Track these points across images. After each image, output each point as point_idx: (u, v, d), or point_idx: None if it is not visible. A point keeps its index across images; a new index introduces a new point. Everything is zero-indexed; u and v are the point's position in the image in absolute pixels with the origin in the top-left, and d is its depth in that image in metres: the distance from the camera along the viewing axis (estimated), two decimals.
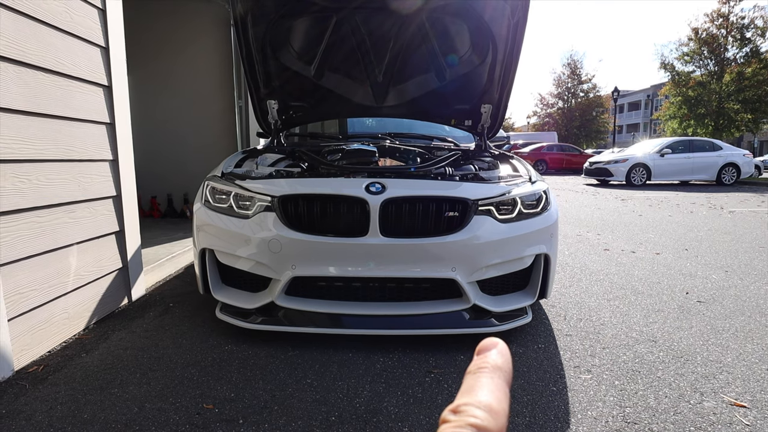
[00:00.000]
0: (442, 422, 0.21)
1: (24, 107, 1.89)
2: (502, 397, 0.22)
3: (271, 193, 2.04)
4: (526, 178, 2.33)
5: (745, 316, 2.48)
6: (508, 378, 0.23)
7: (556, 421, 1.53)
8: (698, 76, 19.84)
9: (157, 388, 1.71)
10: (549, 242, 2.16)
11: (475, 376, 0.23)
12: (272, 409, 1.58)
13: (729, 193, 9.89)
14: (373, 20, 2.57)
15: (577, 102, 33.80)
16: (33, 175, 1.95)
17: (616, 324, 2.38)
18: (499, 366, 0.23)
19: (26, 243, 1.91)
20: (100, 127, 2.40)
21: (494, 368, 0.23)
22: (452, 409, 0.21)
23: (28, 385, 1.75)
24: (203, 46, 5.16)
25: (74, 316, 2.21)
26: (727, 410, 1.60)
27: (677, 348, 2.09)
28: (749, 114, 18.38)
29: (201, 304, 2.58)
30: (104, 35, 2.42)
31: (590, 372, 1.87)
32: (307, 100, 3.03)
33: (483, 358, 0.24)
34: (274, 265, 2.00)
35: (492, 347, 0.25)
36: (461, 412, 0.21)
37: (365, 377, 1.81)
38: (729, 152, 12.13)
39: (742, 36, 18.77)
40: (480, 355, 0.24)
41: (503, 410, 0.21)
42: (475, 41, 2.66)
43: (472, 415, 0.20)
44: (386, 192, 1.98)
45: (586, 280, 3.16)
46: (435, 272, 1.99)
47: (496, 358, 0.24)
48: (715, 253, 4.02)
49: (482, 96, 2.89)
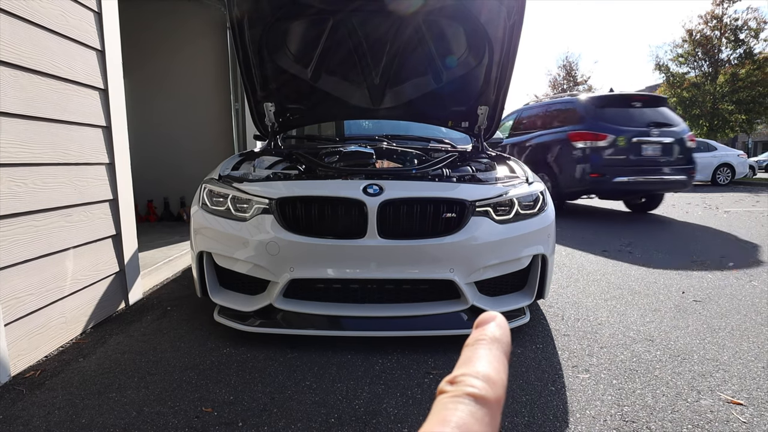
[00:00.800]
0: (440, 393, 0.21)
1: (20, 111, 1.89)
2: (500, 368, 0.22)
3: (268, 196, 2.04)
4: (523, 179, 2.33)
5: (741, 315, 2.50)
6: (506, 350, 0.23)
7: (555, 421, 1.53)
8: (693, 78, 19.95)
9: (155, 392, 1.71)
10: (546, 243, 2.17)
11: (473, 348, 0.23)
12: (271, 412, 1.58)
13: (724, 193, 9.95)
14: (370, 23, 2.58)
15: None
16: (29, 179, 1.94)
17: (614, 323, 2.39)
18: (498, 338, 0.23)
19: (22, 247, 1.91)
20: (96, 130, 2.40)
21: (492, 340, 0.23)
22: (450, 380, 0.21)
23: (26, 390, 1.74)
24: (200, 48, 5.16)
25: (71, 320, 2.20)
26: (724, 408, 1.60)
27: (674, 347, 2.10)
28: (743, 115, 18.50)
29: (199, 308, 2.58)
30: (100, 38, 2.42)
31: (588, 371, 1.88)
32: (303, 102, 3.03)
33: (481, 330, 0.24)
34: (272, 267, 2.00)
35: (490, 320, 0.25)
36: (459, 383, 0.21)
37: (364, 379, 1.81)
38: (723, 153, 12.23)
39: (735, 37, 18.89)
40: (478, 329, 0.24)
41: (501, 380, 0.21)
42: (472, 43, 2.67)
43: (470, 384, 0.20)
44: (384, 194, 1.99)
45: (583, 280, 3.17)
46: (433, 273, 2.00)
47: (495, 331, 0.24)
48: (711, 252, 4.04)
49: (479, 98, 2.91)
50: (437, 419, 0.19)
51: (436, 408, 0.20)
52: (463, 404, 0.19)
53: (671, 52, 20.90)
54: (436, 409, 0.20)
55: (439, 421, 0.19)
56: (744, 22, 18.77)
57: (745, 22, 18.75)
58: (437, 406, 0.20)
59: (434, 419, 0.19)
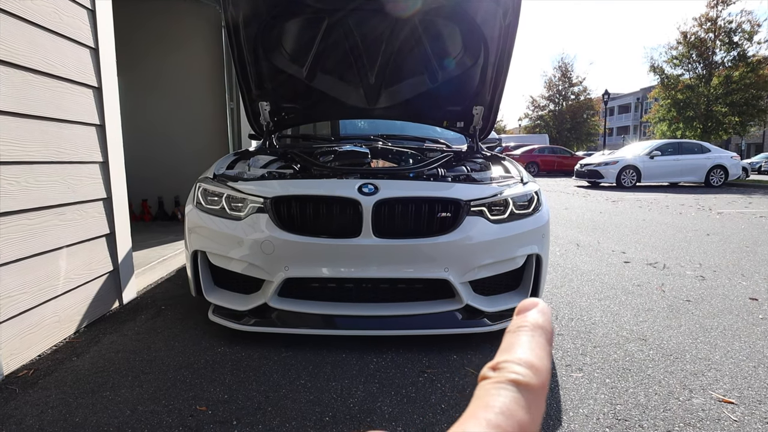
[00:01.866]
0: (482, 379, 0.20)
1: (12, 108, 1.88)
2: (544, 355, 0.21)
3: (263, 195, 2.04)
4: (518, 179, 2.34)
5: (733, 315, 2.52)
6: (549, 337, 0.22)
7: (548, 419, 1.54)
8: (687, 80, 20.08)
9: (149, 391, 1.70)
10: (541, 243, 2.18)
11: (515, 335, 0.22)
12: (266, 410, 1.58)
13: (717, 195, 10.03)
14: (366, 22, 2.58)
15: (568, 104, 34.06)
16: (22, 177, 1.93)
17: (607, 323, 2.40)
18: (540, 325, 0.23)
19: (15, 246, 1.89)
20: (89, 128, 2.39)
21: (534, 326, 0.23)
22: (492, 366, 0.21)
23: (18, 389, 1.73)
24: (194, 47, 5.14)
25: (65, 319, 2.19)
26: (716, 407, 1.62)
27: (667, 346, 2.12)
28: (737, 117, 18.64)
29: (193, 307, 2.57)
30: (94, 36, 2.41)
31: (582, 370, 1.89)
32: (299, 101, 3.03)
33: (523, 317, 0.23)
34: (267, 266, 1.99)
35: (532, 307, 0.24)
36: (501, 369, 0.20)
37: (359, 377, 1.81)
38: (717, 154, 12.32)
39: (729, 40, 19.04)
40: (519, 315, 0.24)
41: (545, 367, 0.21)
42: (467, 43, 2.68)
43: (513, 371, 0.20)
44: (379, 193, 1.99)
45: (577, 281, 3.19)
46: (428, 273, 2.00)
47: (537, 317, 0.23)
48: (703, 253, 4.08)
49: (474, 98, 2.91)
50: (480, 404, 0.19)
51: (479, 393, 0.20)
52: (506, 390, 0.19)
53: (666, 54, 21.06)
54: (479, 394, 0.20)
55: (483, 406, 0.19)
56: (738, 25, 18.94)
57: (739, 25, 18.91)
58: (480, 391, 0.20)
59: (477, 404, 0.19)
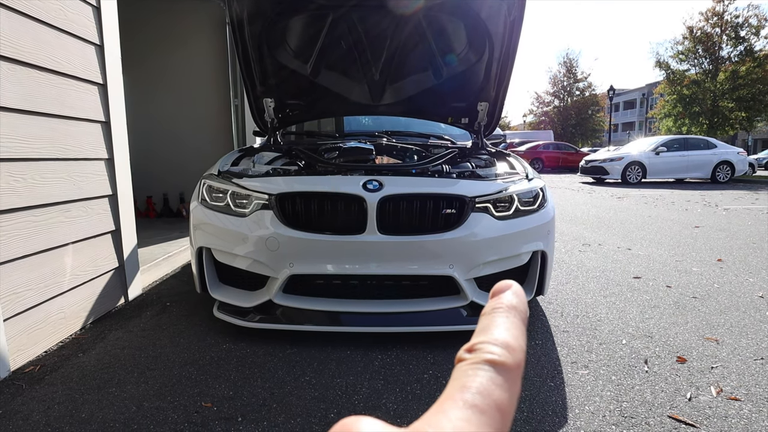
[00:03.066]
0: (458, 361, 0.21)
1: (18, 105, 1.88)
2: (519, 335, 0.22)
3: (268, 191, 2.03)
4: (523, 175, 2.33)
5: (740, 312, 2.50)
6: (523, 317, 0.23)
7: (554, 416, 1.54)
8: (693, 75, 19.92)
9: (155, 387, 1.71)
10: (546, 239, 2.16)
11: (490, 317, 0.23)
12: (271, 407, 1.58)
13: (723, 191, 9.95)
14: (370, 18, 2.56)
15: (573, 100, 33.89)
16: (28, 174, 1.94)
17: (613, 320, 2.39)
18: (515, 305, 0.23)
19: (21, 242, 1.90)
20: (95, 125, 2.39)
21: (509, 308, 0.23)
22: (467, 348, 0.21)
23: (25, 385, 1.74)
24: (199, 44, 5.14)
25: (70, 315, 2.20)
26: (723, 404, 1.61)
27: (673, 343, 2.11)
28: (743, 112, 18.49)
29: (198, 303, 2.58)
30: (99, 33, 2.41)
31: (587, 367, 1.88)
32: (303, 98, 3.02)
33: (497, 299, 0.24)
34: (272, 263, 1.99)
35: (506, 288, 0.24)
36: (477, 350, 0.21)
37: (364, 374, 1.81)
38: (723, 150, 12.20)
39: (736, 35, 18.86)
40: (494, 297, 0.24)
41: (520, 347, 0.21)
42: (472, 39, 2.66)
43: (489, 351, 0.20)
44: (384, 189, 1.99)
45: (583, 277, 3.17)
46: (433, 269, 2.00)
47: (511, 299, 0.24)
48: (709, 249, 4.05)
49: (479, 94, 2.90)
50: (457, 385, 0.19)
51: (456, 375, 0.20)
52: (482, 370, 0.19)
53: (672, 49, 20.87)
54: (456, 376, 0.20)
55: (460, 387, 0.19)
56: (745, 19, 18.75)
57: (746, 20, 18.73)
58: (456, 372, 0.20)
59: (454, 385, 0.19)
